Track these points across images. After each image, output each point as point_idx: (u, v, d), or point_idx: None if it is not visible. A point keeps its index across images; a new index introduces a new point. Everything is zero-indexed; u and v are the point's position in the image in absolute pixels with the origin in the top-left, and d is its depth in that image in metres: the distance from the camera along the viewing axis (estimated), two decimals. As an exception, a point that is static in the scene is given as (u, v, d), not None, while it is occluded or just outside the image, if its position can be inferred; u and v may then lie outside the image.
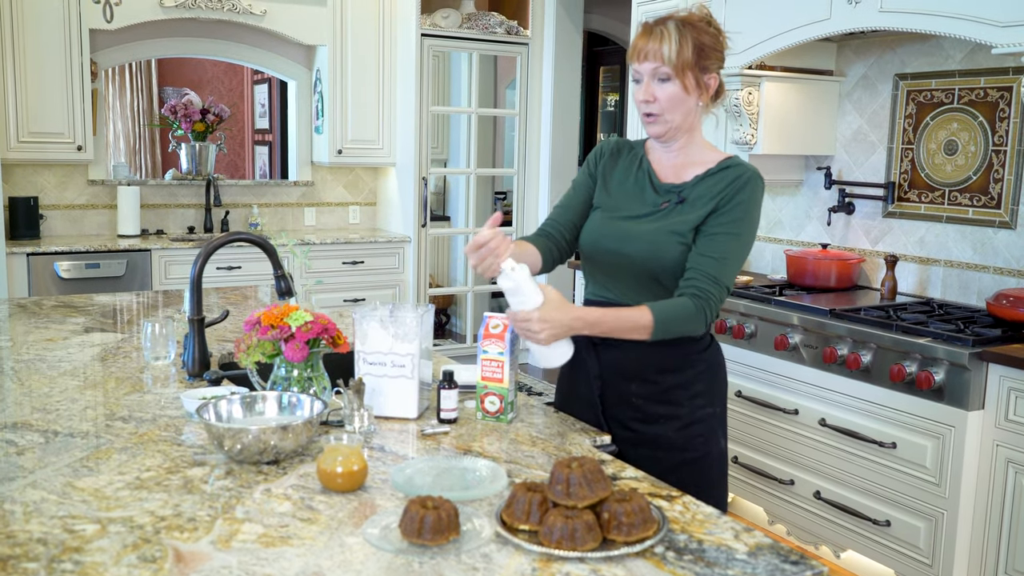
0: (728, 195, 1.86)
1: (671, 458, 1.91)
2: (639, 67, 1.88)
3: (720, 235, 1.85)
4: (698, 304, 1.81)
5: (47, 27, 4.73)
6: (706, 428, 1.95)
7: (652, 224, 1.91)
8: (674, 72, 1.84)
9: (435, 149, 6.57)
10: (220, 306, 3.15)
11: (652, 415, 1.93)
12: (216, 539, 1.30)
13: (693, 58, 1.84)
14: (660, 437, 1.93)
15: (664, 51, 1.83)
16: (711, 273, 1.83)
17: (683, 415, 1.93)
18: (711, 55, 1.87)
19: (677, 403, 1.93)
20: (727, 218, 1.85)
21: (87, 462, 1.61)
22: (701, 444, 1.94)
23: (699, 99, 1.90)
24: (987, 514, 2.83)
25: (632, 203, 1.96)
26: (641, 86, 1.89)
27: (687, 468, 1.89)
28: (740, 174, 1.88)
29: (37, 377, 2.18)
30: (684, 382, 1.93)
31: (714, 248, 1.84)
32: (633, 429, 1.94)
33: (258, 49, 5.71)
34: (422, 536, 1.27)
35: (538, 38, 5.90)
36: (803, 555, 1.30)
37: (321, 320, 1.85)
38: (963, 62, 3.46)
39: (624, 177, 2.00)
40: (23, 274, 4.59)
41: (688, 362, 1.93)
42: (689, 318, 1.82)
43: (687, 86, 1.86)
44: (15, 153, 4.75)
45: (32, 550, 1.26)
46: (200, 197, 5.58)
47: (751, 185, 1.87)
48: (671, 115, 1.89)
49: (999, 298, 3.06)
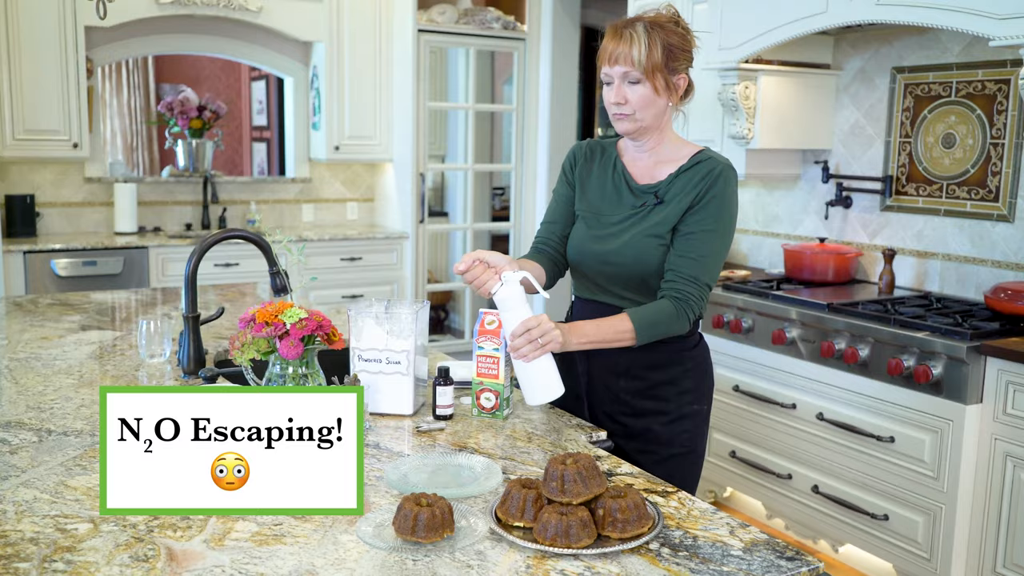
0: (701, 191, 1.88)
1: (660, 452, 1.94)
2: (609, 70, 1.90)
3: (697, 233, 1.87)
4: (678, 306, 1.85)
5: (42, 24, 4.72)
6: (692, 425, 1.99)
7: (633, 229, 1.93)
8: (644, 75, 1.86)
9: (433, 145, 6.56)
10: (217, 303, 3.14)
11: (640, 409, 1.96)
12: (209, 538, 1.30)
13: (662, 60, 1.86)
14: (648, 431, 1.96)
15: (634, 54, 1.85)
16: (690, 274, 1.86)
17: (670, 410, 1.96)
18: (679, 56, 1.89)
19: (664, 399, 1.96)
20: (702, 215, 1.87)
21: (80, 461, 1.61)
22: (687, 440, 1.98)
23: (669, 99, 1.92)
24: (985, 508, 2.82)
25: (611, 207, 1.98)
26: (612, 88, 1.91)
27: (675, 462, 1.92)
28: (712, 168, 1.89)
29: (32, 375, 2.17)
30: (671, 379, 1.96)
31: (691, 248, 1.87)
32: (621, 423, 1.98)
33: (254, 46, 5.69)
34: (416, 534, 1.27)
35: (535, 33, 5.88)
36: (799, 550, 1.29)
37: (316, 317, 1.84)
38: (960, 55, 3.45)
39: (600, 181, 2.02)
40: (20, 272, 4.58)
41: (676, 359, 1.97)
42: (670, 320, 1.85)
43: (657, 88, 1.88)
44: (11, 151, 4.74)
45: (24, 550, 1.26)
46: (197, 194, 5.57)
47: (723, 178, 1.89)
48: (642, 114, 1.90)
49: (997, 291, 3.05)
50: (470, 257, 1.79)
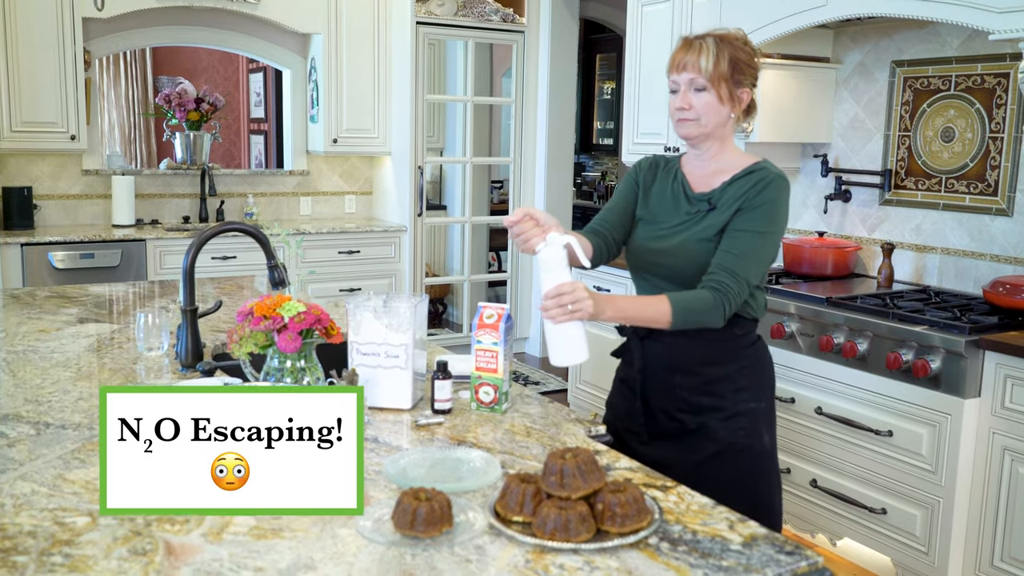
0: (752, 195, 1.93)
1: (714, 446, 1.97)
2: (677, 77, 1.97)
3: (742, 232, 1.92)
4: (716, 297, 1.87)
5: (40, 16, 4.70)
6: (749, 421, 2.00)
7: (684, 233, 1.99)
8: (710, 83, 1.93)
9: (431, 138, 6.55)
10: (215, 296, 3.14)
11: (696, 406, 1.99)
12: (207, 532, 1.30)
13: (728, 71, 1.94)
14: (704, 426, 1.98)
15: (702, 63, 1.93)
16: (730, 268, 1.89)
17: (727, 407, 1.98)
18: (744, 71, 1.97)
19: (720, 395, 1.99)
20: (750, 216, 1.93)
21: (78, 454, 1.60)
22: (744, 437, 1.99)
23: (732, 110, 1.98)
24: (983, 502, 2.83)
25: (668, 214, 2.04)
26: (678, 95, 1.98)
27: (729, 456, 1.95)
28: (764, 176, 1.95)
29: (29, 368, 2.17)
30: (727, 375, 1.99)
31: (735, 245, 1.91)
32: (678, 419, 2.00)
33: (253, 38, 5.67)
34: (415, 528, 1.26)
35: (534, 26, 5.87)
36: (798, 545, 1.29)
37: (314, 311, 1.84)
38: (960, 48, 3.44)
39: (661, 190, 2.08)
40: (17, 264, 4.57)
41: (732, 356, 2.00)
42: (707, 310, 1.87)
43: (721, 96, 1.95)
44: (8, 143, 4.73)
45: (22, 543, 1.26)
46: (195, 187, 5.55)
47: (775, 185, 1.94)
48: (705, 120, 1.96)
49: (996, 285, 3.05)
50: (521, 212, 1.82)
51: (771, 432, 2.07)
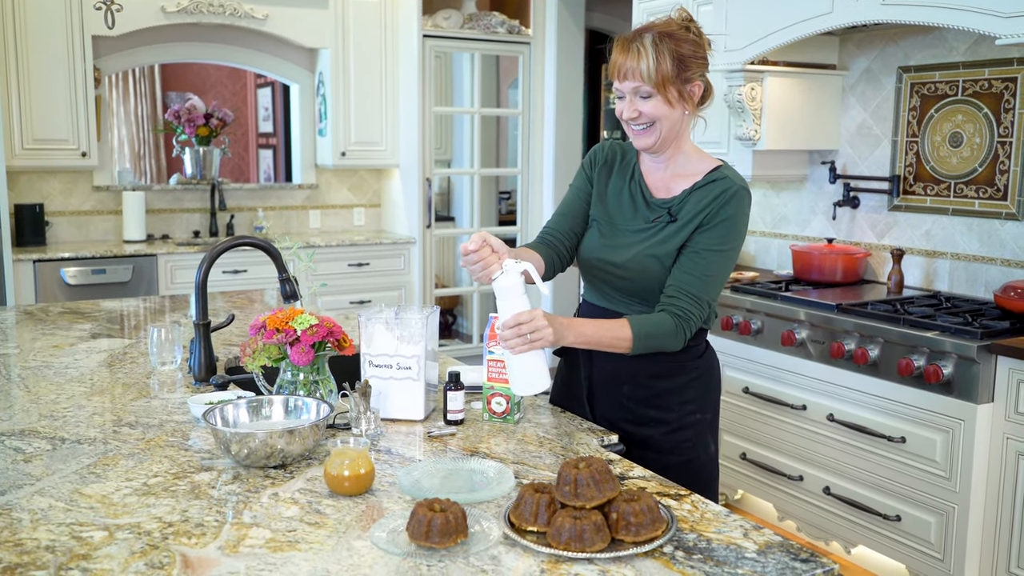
0: (713, 211, 1.86)
1: (659, 460, 1.91)
2: (620, 85, 1.87)
3: (704, 252, 1.86)
4: (678, 323, 1.83)
5: (50, 34, 4.74)
6: (694, 434, 1.97)
7: (643, 243, 1.92)
8: (655, 89, 1.83)
9: (439, 150, 6.57)
10: (226, 310, 3.15)
11: (642, 417, 1.95)
12: (224, 544, 1.30)
13: (673, 71, 1.82)
14: (649, 439, 1.95)
15: (642, 68, 1.81)
16: (693, 293, 1.85)
17: (672, 420, 1.95)
18: (691, 64, 1.85)
19: (667, 408, 1.95)
20: (712, 235, 1.86)
21: (94, 468, 1.61)
22: (688, 449, 1.96)
23: (685, 109, 1.89)
24: (998, 508, 2.81)
25: (625, 218, 1.97)
26: (624, 103, 1.88)
27: (673, 471, 1.88)
28: (726, 188, 1.87)
29: (44, 384, 2.18)
30: (676, 388, 1.95)
31: (697, 267, 1.86)
32: (623, 429, 1.96)
33: (260, 53, 5.71)
34: (430, 539, 1.27)
35: (540, 37, 5.89)
36: (813, 552, 1.29)
37: (326, 323, 1.85)
38: (967, 53, 3.44)
39: (618, 189, 2.01)
40: (30, 281, 4.60)
41: (682, 368, 1.96)
42: (667, 335, 1.83)
43: (670, 100, 1.85)
44: (20, 160, 4.76)
45: (40, 558, 1.26)
46: (205, 201, 5.58)
47: (736, 199, 1.87)
48: (660, 125, 1.88)
49: (1007, 290, 3.04)
50: (479, 238, 1.73)
51: (715, 436, 2.03)
